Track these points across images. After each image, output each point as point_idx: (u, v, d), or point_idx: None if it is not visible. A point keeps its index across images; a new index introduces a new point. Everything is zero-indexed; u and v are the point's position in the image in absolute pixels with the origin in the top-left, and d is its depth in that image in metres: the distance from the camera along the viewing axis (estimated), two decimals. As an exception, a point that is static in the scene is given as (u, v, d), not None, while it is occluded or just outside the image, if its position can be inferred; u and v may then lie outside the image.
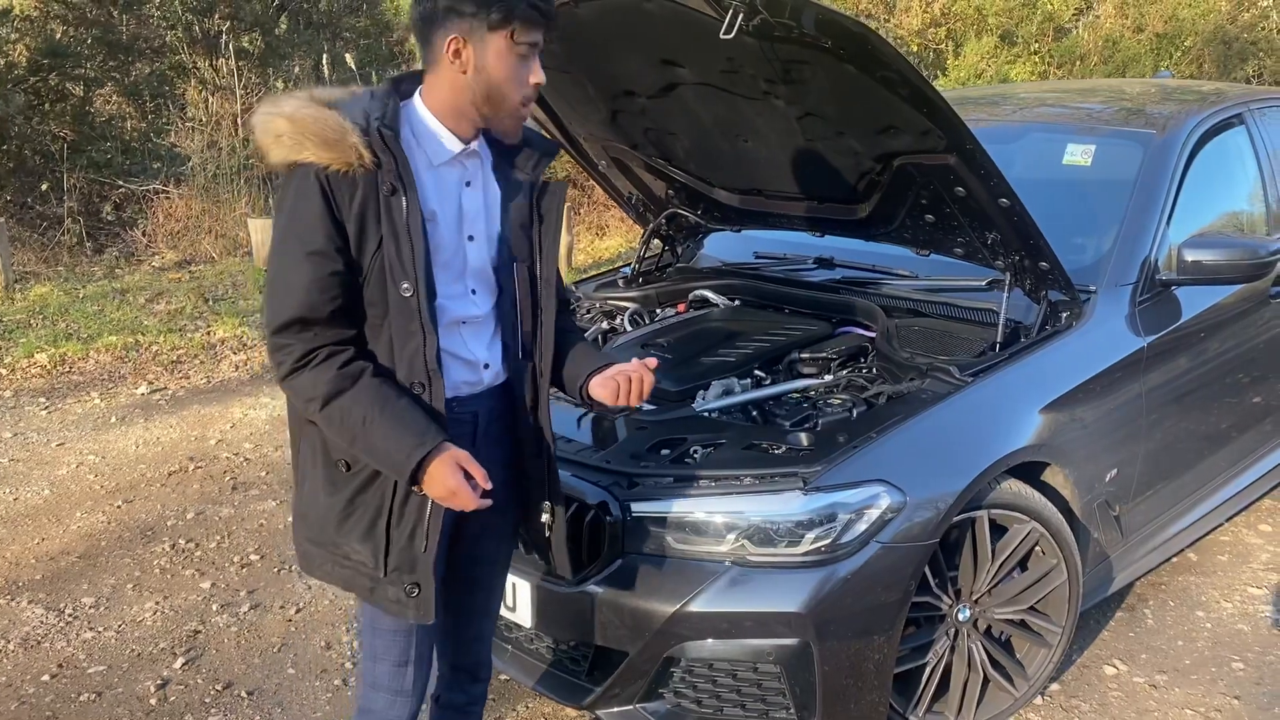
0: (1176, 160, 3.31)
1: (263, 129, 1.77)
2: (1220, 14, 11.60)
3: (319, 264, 1.74)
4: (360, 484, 1.86)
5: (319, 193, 1.73)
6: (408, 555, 1.87)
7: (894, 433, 2.53)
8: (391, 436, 1.77)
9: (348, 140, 1.72)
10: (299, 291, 1.74)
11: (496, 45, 1.78)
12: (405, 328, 1.81)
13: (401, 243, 1.77)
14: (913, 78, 2.38)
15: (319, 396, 1.77)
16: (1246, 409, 3.55)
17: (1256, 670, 3.09)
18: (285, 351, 1.77)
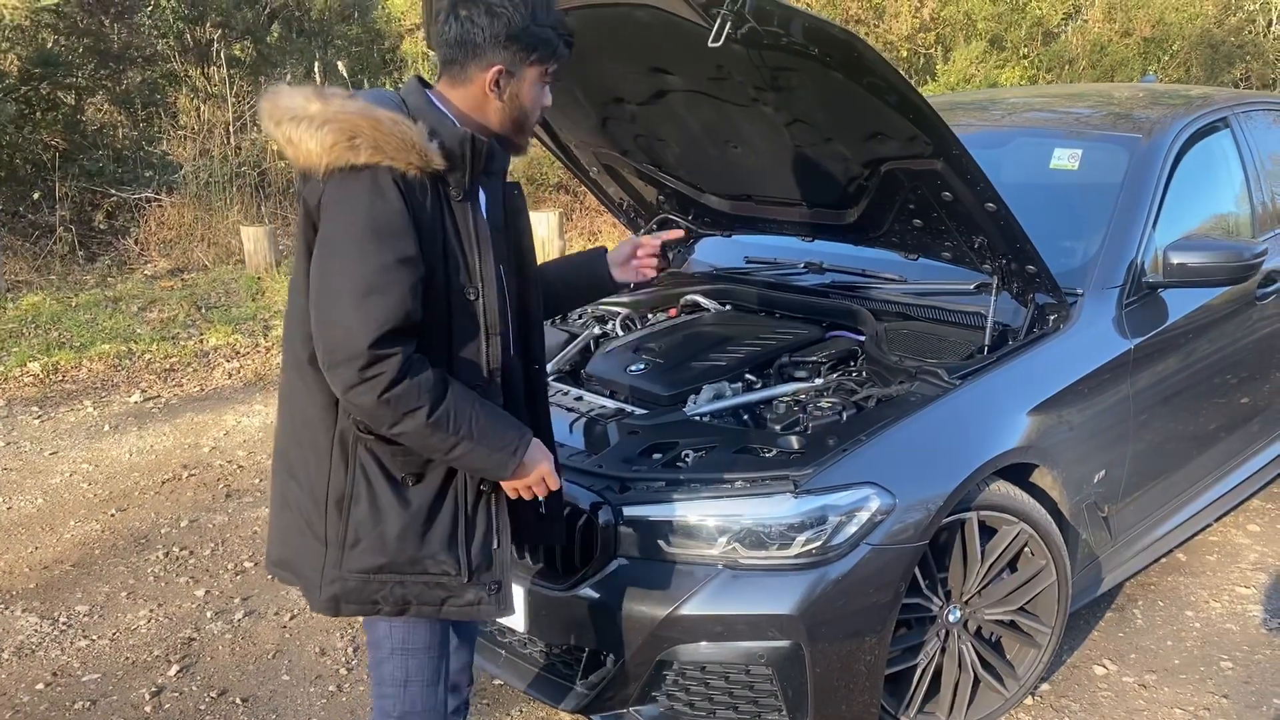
0: (1162, 164, 3.34)
1: (331, 128, 1.69)
2: (1207, 18, 11.68)
3: (413, 269, 1.72)
4: (434, 494, 1.86)
5: (400, 197, 1.71)
6: (485, 555, 1.90)
7: (883, 435, 2.55)
8: (495, 437, 1.81)
9: (429, 146, 1.72)
10: (395, 299, 1.69)
11: (532, 77, 1.87)
12: (468, 330, 1.83)
13: (468, 247, 1.80)
14: (899, 84, 2.40)
15: (425, 404, 1.73)
16: (1234, 410, 3.58)
17: (1245, 669, 3.12)
18: (386, 363, 1.70)
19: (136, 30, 10.16)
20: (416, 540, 1.85)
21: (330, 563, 1.88)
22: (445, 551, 1.87)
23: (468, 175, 1.79)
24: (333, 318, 1.72)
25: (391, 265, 1.69)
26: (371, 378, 1.70)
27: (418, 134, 1.71)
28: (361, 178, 1.70)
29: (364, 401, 1.72)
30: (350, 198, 1.72)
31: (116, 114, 10.08)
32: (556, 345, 3.34)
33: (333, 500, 1.86)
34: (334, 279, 1.72)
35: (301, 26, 11.68)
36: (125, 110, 10.03)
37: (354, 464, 1.85)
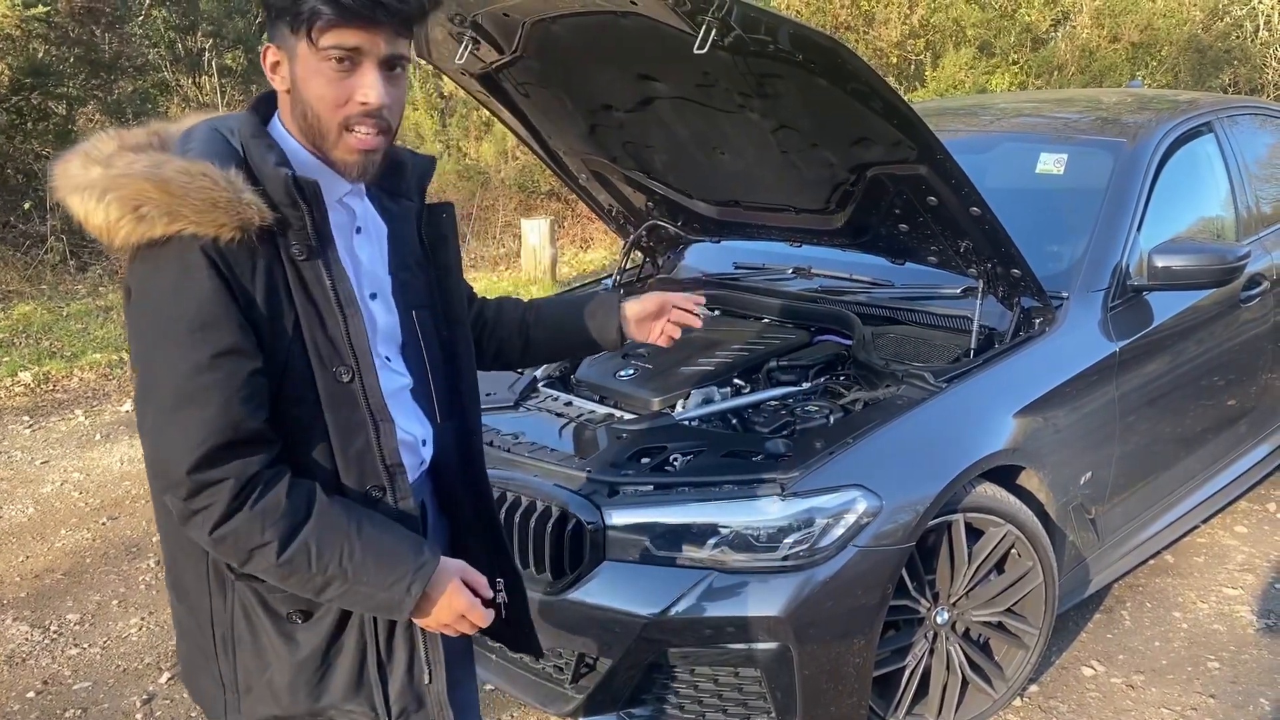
0: (1146, 168, 3.37)
1: (112, 199, 1.32)
2: (1194, 23, 11.74)
3: (235, 364, 1.33)
4: (329, 632, 1.50)
5: (212, 272, 1.32)
6: (412, 693, 1.55)
7: (870, 438, 2.56)
8: (376, 574, 1.41)
9: (242, 198, 1.33)
10: (215, 408, 1.32)
11: (303, 53, 1.37)
12: (349, 420, 1.44)
13: (328, 316, 1.41)
14: (883, 90, 2.42)
15: (272, 540, 1.36)
16: (1220, 411, 3.61)
17: (1232, 669, 3.14)
18: (213, 490, 1.34)
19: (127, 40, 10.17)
20: (311, 689, 1.51)
21: (229, 705, 1.56)
22: (351, 699, 1.52)
23: (309, 224, 1.38)
24: (149, 434, 1.37)
25: (206, 364, 1.32)
26: (198, 510, 1.35)
27: (225, 188, 1.32)
28: (163, 255, 1.33)
29: (198, 537, 1.38)
30: (150, 282, 1.35)
31: (108, 123, 10.09)
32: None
33: (219, 639, 1.53)
34: (144, 389, 1.37)
35: (293, 35, 11.70)
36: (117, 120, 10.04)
37: (233, 600, 1.49)
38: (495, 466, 2.65)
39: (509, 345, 1.95)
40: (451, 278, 1.66)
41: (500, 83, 3.11)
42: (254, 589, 1.48)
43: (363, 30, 1.35)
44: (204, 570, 1.50)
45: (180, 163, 1.34)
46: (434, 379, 1.63)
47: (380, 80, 1.38)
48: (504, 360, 1.97)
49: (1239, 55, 12.21)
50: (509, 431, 2.83)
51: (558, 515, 2.50)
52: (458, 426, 1.68)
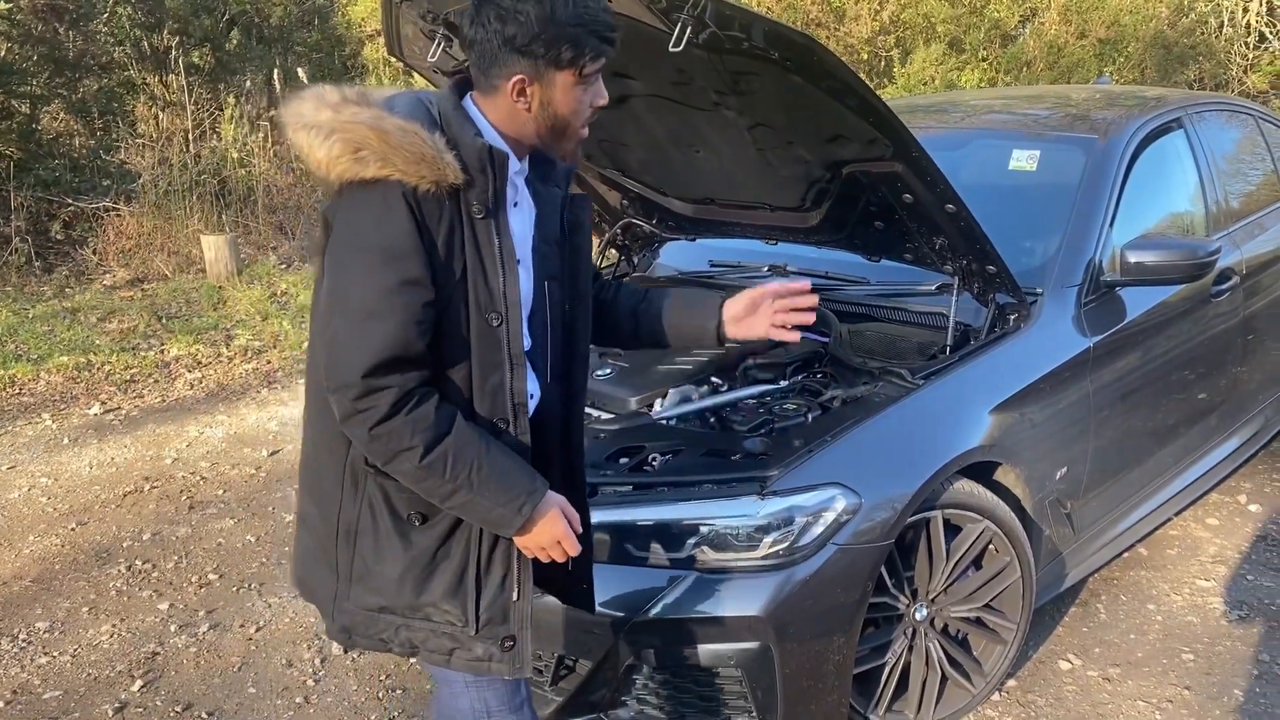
0: (1118, 164, 3.39)
1: (337, 139, 1.56)
2: (1160, 20, 11.86)
3: (416, 293, 1.58)
4: (440, 536, 1.72)
5: (409, 214, 1.57)
6: (499, 606, 1.75)
7: (848, 436, 2.57)
8: (497, 490, 1.64)
9: (443, 158, 1.58)
10: (396, 325, 1.56)
11: (564, 81, 1.66)
12: (491, 360, 1.67)
13: (491, 268, 1.64)
14: (858, 87, 2.42)
15: (419, 445, 1.59)
16: (1192, 405, 3.64)
17: (1206, 661, 3.17)
18: (379, 395, 1.57)
19: (92, 38, 10.02)
20: (416, 585, 1.73)
21: (340, 594, 1.78)
22: (449, 600, 1.73)
23: (490, 190, 1.63)
24: (330, 341, 1.61)
25: (394, 288, 1.56)
26: (364, 410, 1.58)
27: (431, 146, 1.57)
28: (370, 193, 1.58)
29: (357, 433, 1.62)
30: (356, 214, 1.60)
31: (73, 122, 9.94)
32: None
33: (342, 530, 1.76)
34: (334, 301, 1.61)
35: (261, 33, 11.58)
36: (82, 119, 9.90)
37: (362, 495, 1.73)
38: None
39: (618, 328, 2.13)
40: (581, 258, 1.89)
41: (473, 81, 3.08)
42: (382, 487, 1.70)
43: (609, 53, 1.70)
44: (342, 469, 1.73)
45: (397, 119, 1.58)
46: (551, 343, 1.85)
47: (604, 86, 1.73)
48: (611, 339, 2.15)
49: (1204, 51, 12.34)
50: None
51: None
52: (564, 389, 1.89)
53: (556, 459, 1.90)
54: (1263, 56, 12.76)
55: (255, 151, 9.57)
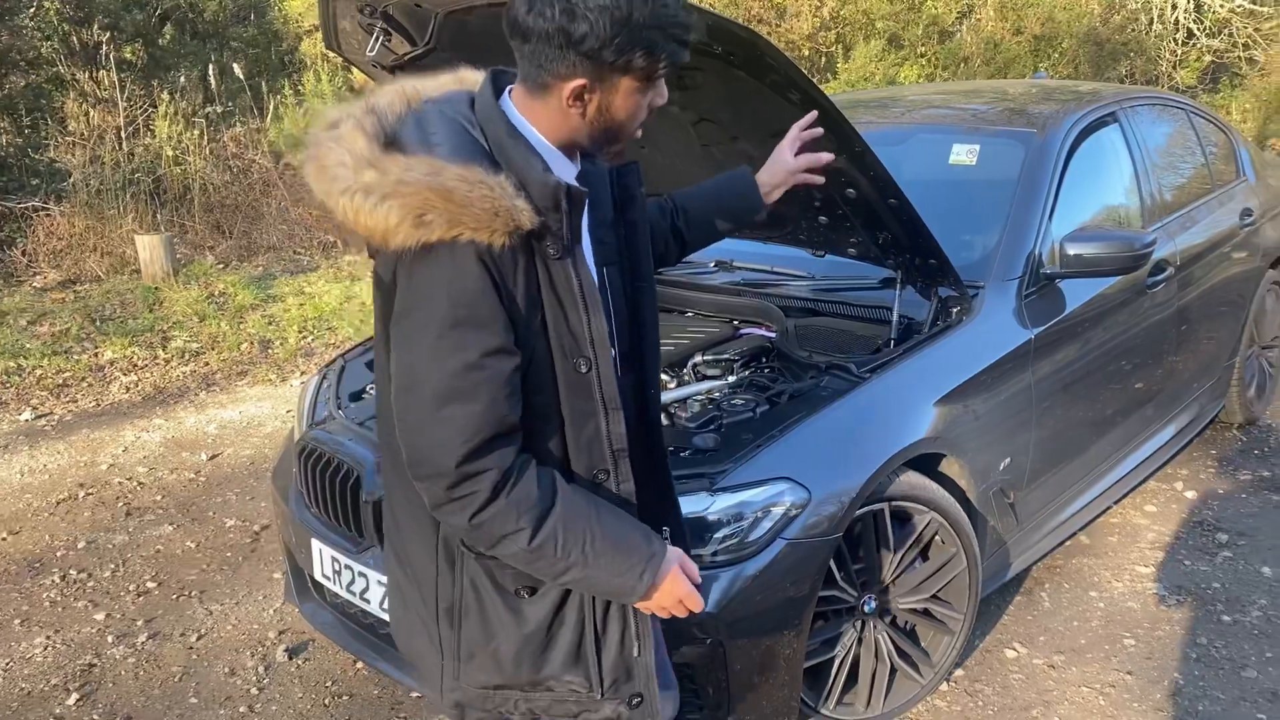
0: (1056, 158, 3.44)
1: (393, 205, 1.36)
2: (1093, 16, 12.10)
3: (502, 363, 1.42)
4: (553, 605, 1.60)
5: (486, 276, 1.39)
6: (623, 666, 1.65)
7: (796, 430, 2.57)
8: (613, 561, 1.51)
9: (516, 205, 1.38)
10: (485, 403, 1.40)
11: (628, 87, 1.47)
12: (583, 409, 1.53)
13: (572, 311, 1.48)
14: (801, 82, 2.42)
15: (525, 527, 1.45)
16: (1130, 395, 3.71)
17: (1146, 645, 3.23)
18: (477, 480, 1.42)
19: (18, 33, 9.74)
20: (535, 660, 1.62)
21: (448, 673, 1.67)
22: (571, 670, 1.63)
23: (566, 228, 1.45)
24: (413, 426, 1.44)
25: (476, 363, 1.40)
26: (460, 498, 1.44)
27: (501, 194, 1.37)
28: (437, 257, 1.39)
29: (456, 522, 1.47)
30: (424, 282, 1.41)
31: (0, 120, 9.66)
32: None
33: (443, 609, 1.63)
34: (409, 382, 1.44)
35: (195, 28, 11.34)
36: (9, 116, 9.62)
37: (461, 574, 1.60)
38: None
39: (666, 254, 2.07)
40: (638, 234, 1.72)
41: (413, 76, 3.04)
42: (484, 565, 1.58)
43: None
44: (433, 546, 1.61)
45: (455, 169, 1.38)
46: (618, 335, 1.68)
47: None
48: (662, 263, 2.06)
49: (1135, 47, 12.62)
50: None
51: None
52: (637, 380, 1.73)
53: (639, 455, 1.74)
54: (1191, 53, 13.07)
55: (191, 149, 9.38)
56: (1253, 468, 4.46)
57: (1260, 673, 3.06)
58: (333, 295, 7.52)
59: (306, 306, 7.26)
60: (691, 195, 2.10)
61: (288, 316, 7.04)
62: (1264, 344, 4.88)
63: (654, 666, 1.68)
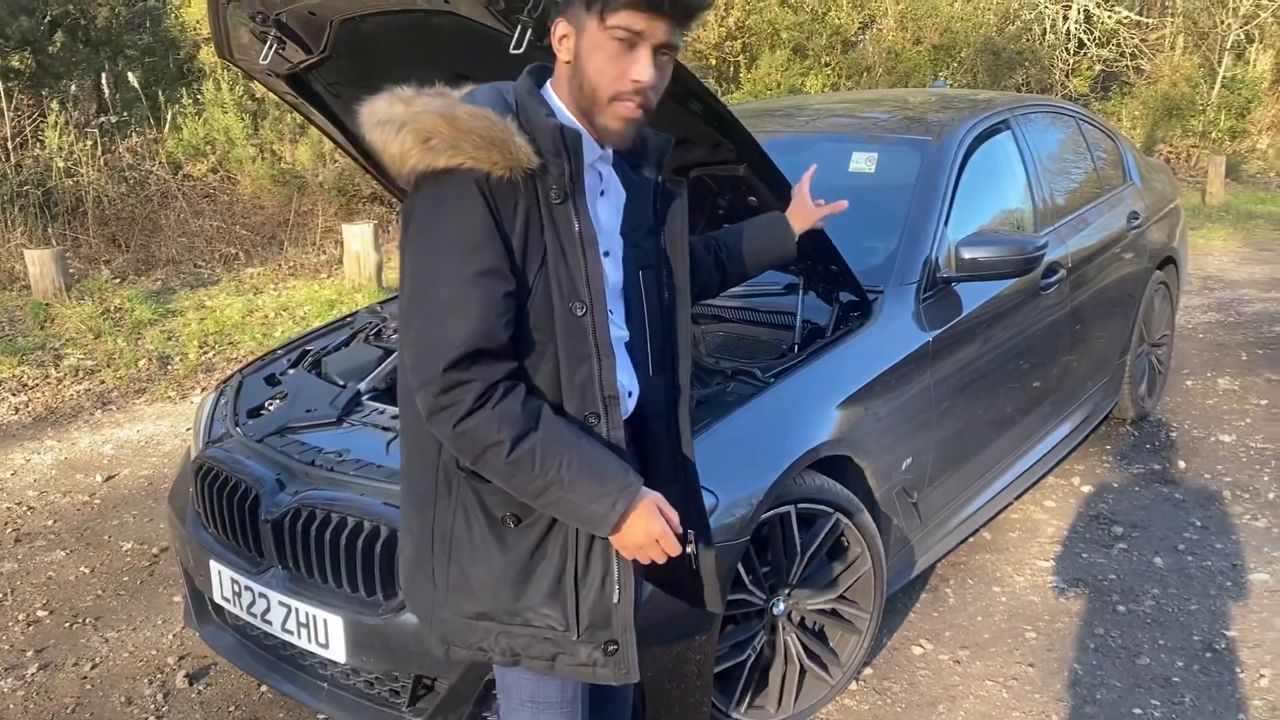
0: (950, 165, 3.53)
1: (408, 130, 1.51)
2: (989, 27, 12.46)
3: (494, 284, 1.53)
4: (537, 538, 1.65)
5: (483, 202, 1.52)
6: (601, 609, 1.68)
7: (703, 436, 2.58)
8: (589, 485, 1.56)
9: (514, 140, 1.52)
10: (475, 318, 1.51)
11: (592, 30, 1.55)
12: (577, 351, 1.60)
13: (571, 255, 1.58)
14: (701, 92, 2.44)
15: (505, 439, 1.53)
16: (1027, 393, 3.81)
17: (1047, 638, 3.32)
18: (462, 389, 1.52)
19: (-105, 39, 9.32)
20: (513, 589, 1.66)
21: (438, 603, 1.73)
22: (548, 604, 1.67)
23: (566, 173, 1.57)
24: (411, 336, 1.56)
25: (470, 279, 1.51)
26: (448, 406, 1.53)
27: (502, 129, 1.51)
28: (442, 182, 1.53)
29: (442, 430, 1.56)
30: (428, 205, 1.56)
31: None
32: (371, 361, 3.24)
33: (438, 536, 1.71)
34: (413, 297, 1.57)
35: (87, 36, 10.97)
36: (-115, 127, 9.18)
37: (456, 499, 1.67)
38: (319, 487, 2.57)
39: (707, 285, 2.24)
40: (678, 247, 1.81)
41: (310, 83, 2.98)
42: (475, 490, 1.65)
43: (647, 16, 1.54)
44: (434, 473, 1.68)
45: (467, 106, 1.54)
46: (651, 336, 1.78)
47: (651, 62, 1.57)
48: (700, 296, 2.25)
49: (1029, 57, 13.04)
50: (333, 449, 2.71)
51: (388, 535, 2.41)
52: (668, 383, 1.82)
53: (665, 457, 1.83)
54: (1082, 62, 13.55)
55: (84, 160, 9.07)
56: (1145, 462, 4.63)
57: (1153, 660, 3.17)
58: (235, 309, 7.34)
59: (208, 321, 7.07)
60: (733, 233, 2.31)
61: (188, 331, 6.85)
62: (1153, 341, 5.07)
63: (632, 619, 1.71)
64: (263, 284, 8.14)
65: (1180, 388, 5.58)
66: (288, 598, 2.55)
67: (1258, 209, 11.00)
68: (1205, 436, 4.90)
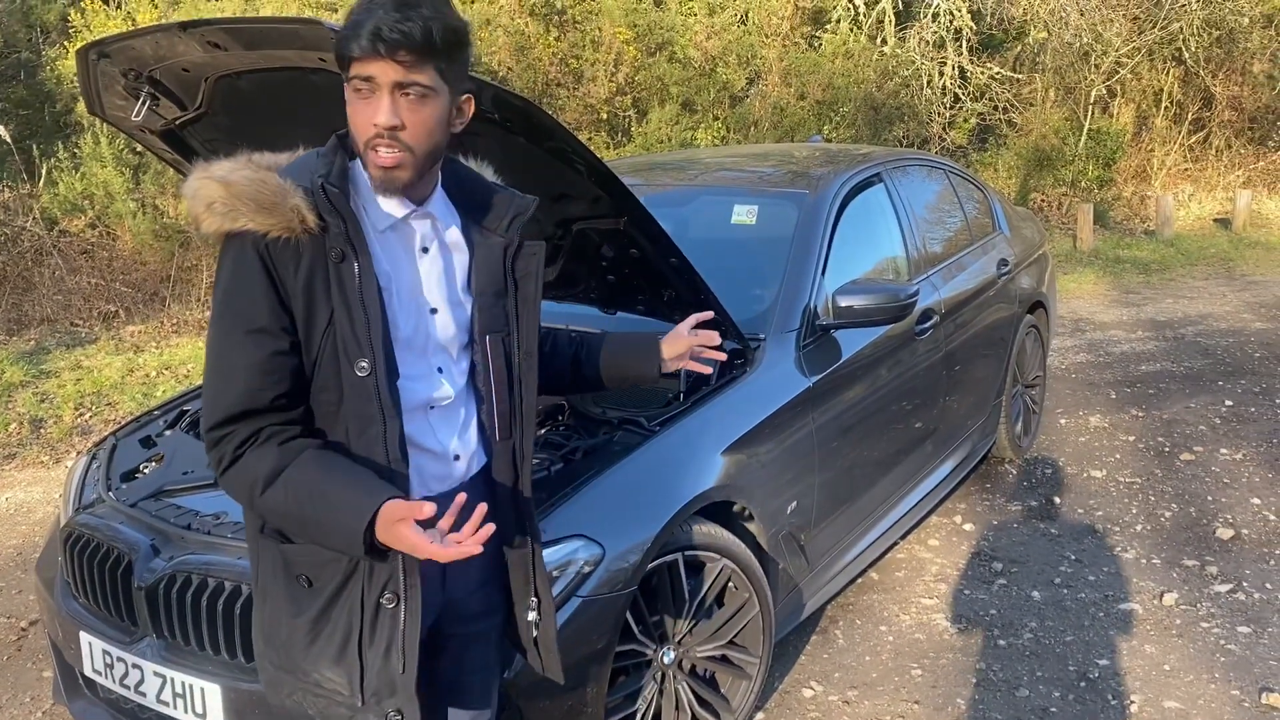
0: (826, 216, 3.65)
1: (194, 197, 1.58)
2: (869, 82, 12.93)
3: (260, 344, 1.57)
4: (325, 602, 1.67)
5: (258, 265, 1.56)
6: (385, 678, 1.69)
7: (589, 487, 2.60)
8: (339, 502, 1.56)
9: (288, 202, 1.55)
10: (239, 377, 1.57)
11: (347, 90, 1.62)
12: (363, 412, 1.62)
13: (355, 314, 1.60)
14: (577, 148, 2.49)
15: (260, 478, 1.58)
16: (908, 435, 3.93)
17: (932, 674, 3.40)
18: (225, 441, 1.59)
19: None
20: (304, 650, 1.69)
21: (260, 652, 1.78)
22: (333, 668, 1.68)
23: (345, 230, 1.59)
24: (202, 393, 1.64)
25: (239, 341, 1.57)
26: (217, 460, 1.61)
27: (276, 193, 1.55)
28: (226, 246, 1.60)
29: (221, 484, 1.64)
30: (219, 267, 1.63)
31: None
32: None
33: (258, 588, 1.76)
34: (206, 352, 1.65)
35: (-45, 88, 10.59)
36: None
37: (268, 555, 1.72)
38: (195, 551, 2.50)
39: (559, 378, 2.16)
40: (530, 311, 1.83)
41: (186, 140, 2.94)
42: (280, 550, 1.68)
43: (373, 62, 1.55)
44: (255, 528, 1.72)
45: (249, 171, 1.59)
46: (497, 401, 1.80)
47: (390, 104, 1.57)
48: (552, 389, 2.16)
49: (908, 111, 13.55)
50: (211, 511, 2.64)
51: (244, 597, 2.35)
52: (515, 448, 1.83)
53: (511, 523, 1.85)
54: (959, 115, 14.15)
55: (-49, 216, 8.70)
56: (1023, 499, 4.80)
57: (1032, 691, 3.28)
58: (114, 368, 7.09)
59: (85, 381, 6.81)
60: (600, 338, 2.23)
61: (63, 393, 6.59)
62: (1026, 382, 5.28)
63: (414, 688, 1.71)
64: (144, 342, 7.89)
65: (1055, 426, 5.82)
66: (163, 667, 2.46)
67: (1124, 254, 11.59)
68: (1078, 473, 5.11)
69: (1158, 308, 9.11)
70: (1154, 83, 15.19)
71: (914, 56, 13.82)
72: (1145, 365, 7.13)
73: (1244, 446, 5.43)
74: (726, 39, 12.33)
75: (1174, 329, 8.22)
